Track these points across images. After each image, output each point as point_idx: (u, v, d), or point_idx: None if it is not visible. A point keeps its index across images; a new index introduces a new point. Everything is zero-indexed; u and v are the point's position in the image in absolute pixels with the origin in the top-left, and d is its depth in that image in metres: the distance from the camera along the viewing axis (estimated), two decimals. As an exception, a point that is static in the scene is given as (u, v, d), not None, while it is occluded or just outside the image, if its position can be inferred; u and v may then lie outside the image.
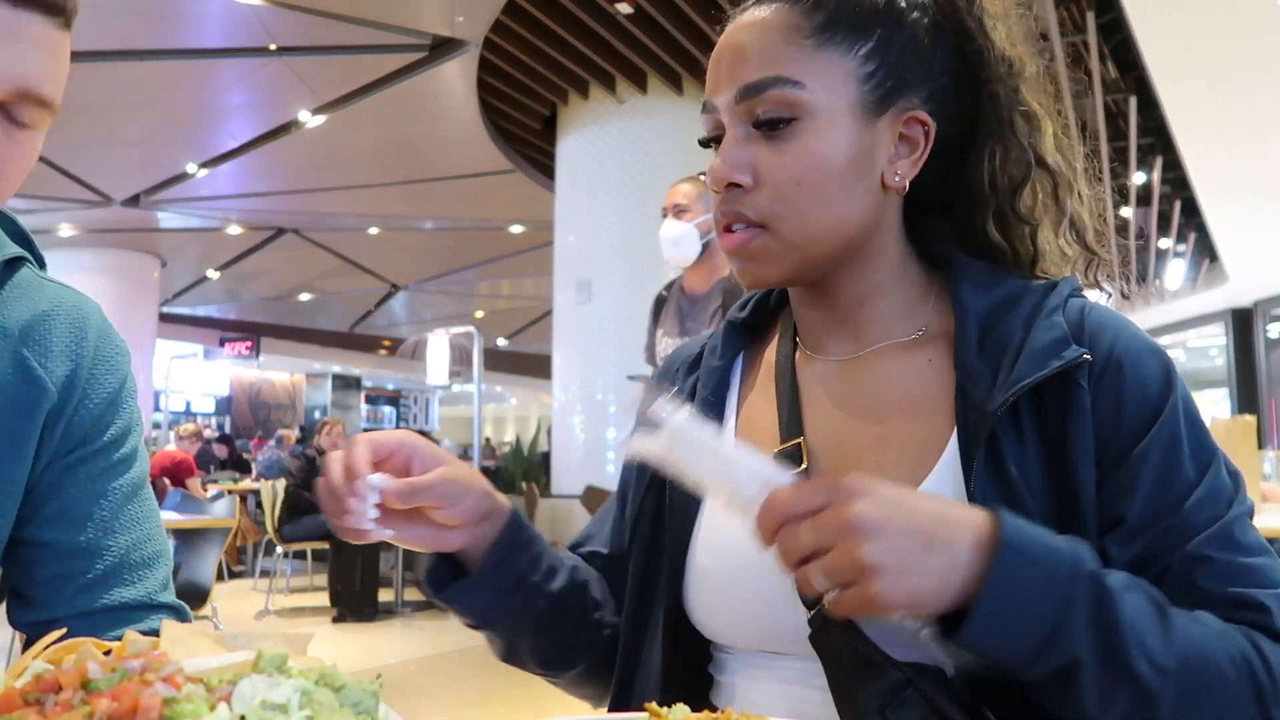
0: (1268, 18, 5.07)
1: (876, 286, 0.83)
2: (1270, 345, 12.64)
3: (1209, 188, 7.93)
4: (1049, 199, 0.83)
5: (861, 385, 0.82)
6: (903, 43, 0.78)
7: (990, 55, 0.80)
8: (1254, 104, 6.23)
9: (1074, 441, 0.71)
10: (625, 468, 0.96)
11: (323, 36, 6.64)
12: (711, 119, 0.81)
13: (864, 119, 0.77)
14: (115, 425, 0.89)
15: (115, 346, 0.91)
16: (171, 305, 16.06)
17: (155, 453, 8.44)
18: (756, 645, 0.78)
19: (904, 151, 0.79)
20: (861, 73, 0.77)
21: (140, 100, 7.72)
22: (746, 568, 0.77)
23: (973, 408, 0.73)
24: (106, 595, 0.85)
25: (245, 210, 11.14)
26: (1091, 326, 0.75)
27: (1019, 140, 0.81)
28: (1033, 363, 0.72)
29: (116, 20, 6.29)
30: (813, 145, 0.76)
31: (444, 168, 9.07)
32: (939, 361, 0.80)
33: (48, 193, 9.91)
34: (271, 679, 0.42)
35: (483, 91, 7.63)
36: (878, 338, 0.83)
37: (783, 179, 0.76)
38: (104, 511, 0.87)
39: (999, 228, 0.83)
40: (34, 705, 0.42)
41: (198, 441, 9.56)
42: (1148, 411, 0.71)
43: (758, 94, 0.76)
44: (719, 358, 0.90)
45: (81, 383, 0.87)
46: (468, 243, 12.34)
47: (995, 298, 0.79)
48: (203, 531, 4.55)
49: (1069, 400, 0.72)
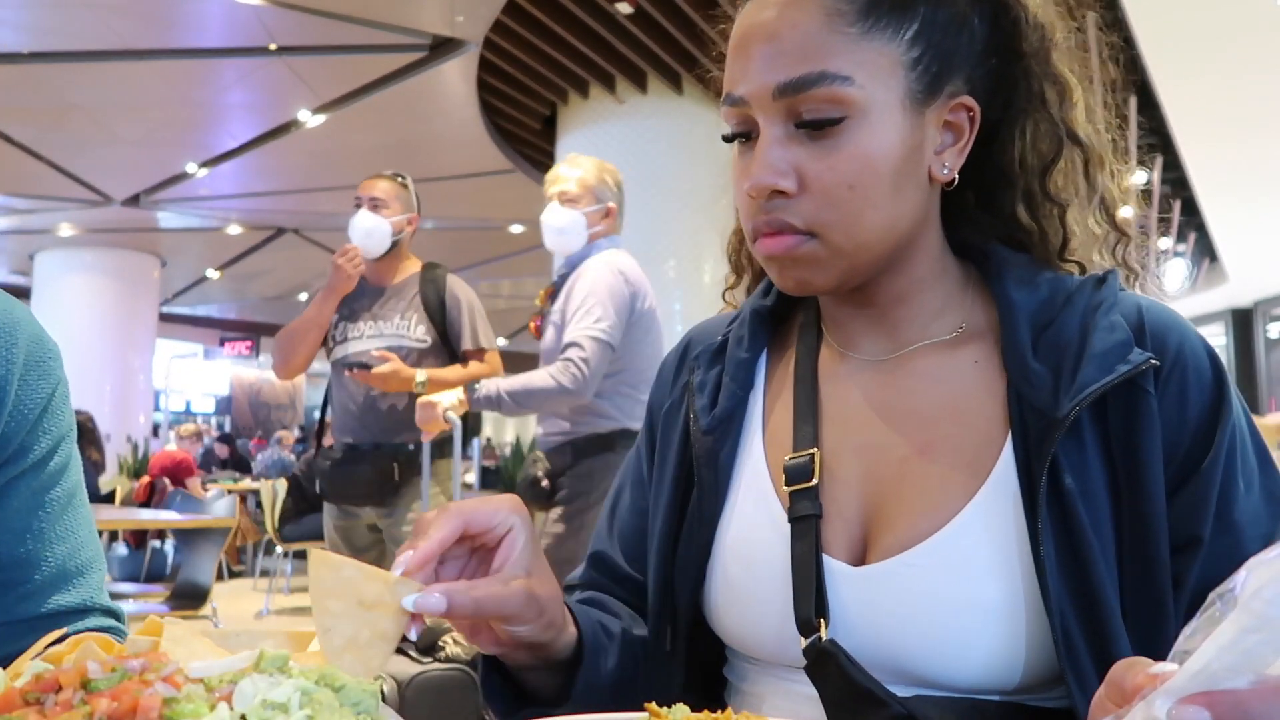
0: (1268, 18, 5.07)
1: (918, 283, 0.77)
2: (1270, 345, 12.64)
3: (1209, 188, 7.93)
4: (1079, 176, 0.78)
5: (902, 388, 0.76)
6: (946, 20, 0.71)
7: (1025, 23, 0.74)
8: (1254, 104, 6.23)
9: (1143, 451, 0.66)
10: (622, 473, 0.92)
11: (323, 36, 6.63)
12: (739, 113, 0.73)
13: (913, 110, 0.70)
14: (50, 434, 0.87)
15: (47, 350, 0.88)
16: (171, 305, 16.05)
17: (155, 452, 8.44)
18: (774, 659, 0.75)
19: (949, 140, 0.73)
20: (908, 59, 0.70)
21: (140, 100, 7.71)
22: (771, 579, 0.73)
23: (1034, 413, 0.68)
24: (46, 603, 0.85)
25: (245, 210, 11.13)
26: (1152, 327, 0.70)
27: (1049, 114, 0.75)
28: (1098, 366, 0.67)
29: (116, 20, 6.29)
30: (864, 145, 0.69)
31: (444, 168, 9.05)
32: (985, 363, 0.74)
33: (48, 193, 9.91)
34: (272, 678, 0.42)
35: (483, 91, 7.62)
36: (916, 336, 0.77)
37: (834, 184, 0.69)
38: (42, 523, 0.85)
39: (1028, 209, 0.77)
40: (34, 705, 0.42)
41: (198, 441, 9.56)
42: (1212, 418, 0.68)
43: (801, 91, 0.68)
44: (746, 349, 0.83)
45: (13, 390, 0.83)
46: (468, 243, 12.32)
47: (1042, 294, 0.74)
48: (203, 531, 4.54)
49: (1135, 407, 0.67)
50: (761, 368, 0.85)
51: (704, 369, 0.84)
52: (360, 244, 3.09)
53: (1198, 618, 0.37)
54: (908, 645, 0.68)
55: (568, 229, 2.78)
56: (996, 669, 0.66)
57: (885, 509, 0.73)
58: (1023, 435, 0.69)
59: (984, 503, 0.68)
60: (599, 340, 2.65)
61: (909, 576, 0.68)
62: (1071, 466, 0.66)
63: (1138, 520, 0.66)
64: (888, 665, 0.68)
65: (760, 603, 0.74)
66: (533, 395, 2.64)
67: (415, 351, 3.00)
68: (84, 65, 6.88)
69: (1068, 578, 0.65)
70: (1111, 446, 0.68)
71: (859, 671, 0.66)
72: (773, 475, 0.78)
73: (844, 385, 0.79)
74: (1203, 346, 0.71)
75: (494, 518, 0.64)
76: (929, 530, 0.69)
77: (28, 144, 8.49)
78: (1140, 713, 0.37)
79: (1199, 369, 0.69)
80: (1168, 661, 0.38)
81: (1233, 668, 0.34)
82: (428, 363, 3.01)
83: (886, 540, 0.71)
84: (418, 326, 3.07)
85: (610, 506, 0.92)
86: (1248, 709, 0.34)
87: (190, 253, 13.09)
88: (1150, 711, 0.36)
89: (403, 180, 3.22)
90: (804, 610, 0.70)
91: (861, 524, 0.73)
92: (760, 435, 0.81)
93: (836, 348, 0.81)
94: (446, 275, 3.17)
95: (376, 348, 2.99)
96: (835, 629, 0.69)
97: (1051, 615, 0.64)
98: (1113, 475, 0.67)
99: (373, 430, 3.06)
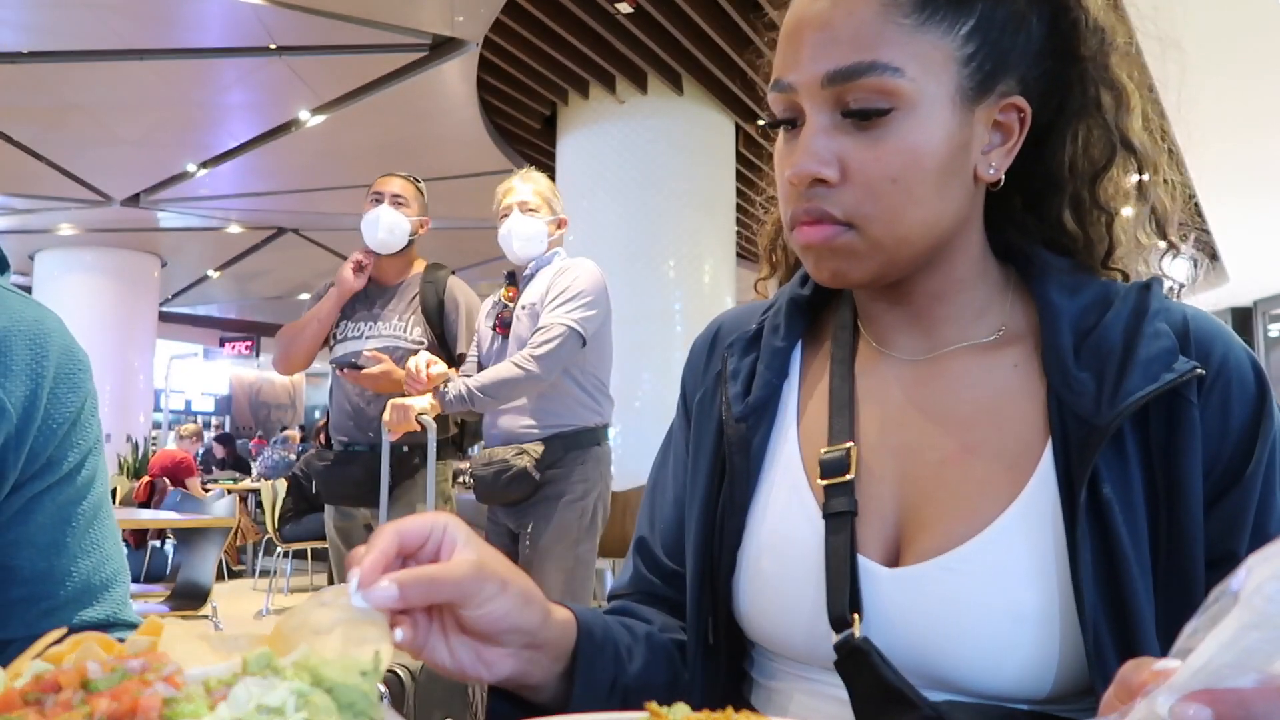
0: (1269, 18, 5.07)
1: (957, 283, 0.76)
2: (1270, 345, 12.63)
3: (1209, 188, 7.92)
4: (1130, 185, 0.77)
5: (940, 389, 0.75)
6: (1004, 18, 0.70)
7: (1085, 26, 0.73)
8: (1256, 104, 6.23)
9: (1184, 462, 0.65)
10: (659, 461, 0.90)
11: (323, 36, 6.63)
12: (786, 100, 0.71)
13: (963, 107, 0.69)
14: (79, 447, 0.85)
15: (77, 363, 0.87)
16: (171, 305, 16.03)
17: (155, 452, 8.44)
18: (802, 656, 0.73)
19: (998, 140, 0.72)
20: (962, 54, 0.68)
21: (140, 100, 7.71)
22: (804, 574, 0.72)
23: (1076, 420, 0.67)
24: (70, 618, 0.83)
25: (245, 210, 11.12)
26: (1198, 335, 0.69)
27: (1104, 119, 0.74)
28: (1144, 374, 0.66)
29: (116, 20, 6.28)
30: (910, 138, 0.67)
31: (444, 168, 9.05)
32: (1025, 367, 0.73)
33: (48, 193, 9.90)
34: (266, 681, 0.42)
35: (483, 91, 7.62)
36: (954, 337, 0.76)
37: (877, 176, 0.68)
38: (68, 538, 0.84)
39: (1075, 216, 0.76)
40: (34, 705, 0.42)
41: (198, 441, 9.56)
42: (1253, 431, 0.67)
43: (851, 80, 0.67)
44: (782, 338, 0.82)
45: (42, 403, 0.82)
46: (468, 242, 12.31)
47: (1085, 299, 0.73)
48: (203, 531, 4.54)
49: (1178, 416, 0.66)
50: (797, 358, 0.83)
51: (738, 356, 0.83)
52: (383, 239, 3.07)
53: (1199, 615, 0.38)
54: (940, 650, 0.67)
55: (534, 236, 2.94)
56: (1029, 678, 0.65)
57: (921, 510, 0.71)
58: (1063, 442, 0.67)
59: (1022, 509, 0.67)
60: (573, 330, 2.76)
61: (945, 581, 0.67)
62: (1111, 476, 0.65)
63: (1175, 532, 0.65)
64: (918, 668, 0.67)
65: (792, 597, 0.73)
66: (502, 387, 2.71)
67: (410, 353, 3.01)
68: (84, 65, 6.88)
69: (1103, 589, 0.64)
70: (1152, 456, 0.67)
71: (891, 672, 0.65)
72: (807, 468, 0.76)
73: (880, 382, 0.78)
74: (1248, 358, 0.70)
75: (425, 524, 0.60)
76: (966, 535, 0.68)
77: (28, 144, 8.48)
78: (1143, 709, 0.37)
79: (1243, 380, 0.68)
80: (1170, 658, 0.38)
81: (1234, 665, 0.35)
82: None
83: (922, 542, 0.70)
84: (414, 328, 3.07)
85: (650, 494, 0.90)
86: (1251, 708, 0.34)
87: (190, 253, 13.08)
88: (1153, 708, 0.36)
89: (417, 182, 3.23)
90: (838, 606, 0.69)
91: (896, 524, 0.72)
92: (795, 426, 0.79)
93: (873, 345, 0.80)
94: (448, 277, 3.18)
95: (370, 348, 3.00)
96: (867, 628, 0.68)
97: (1085, 627, 0.63)
98: (1151, 486, 0.66)
99: (367, 431, 3.07)
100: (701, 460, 0.82)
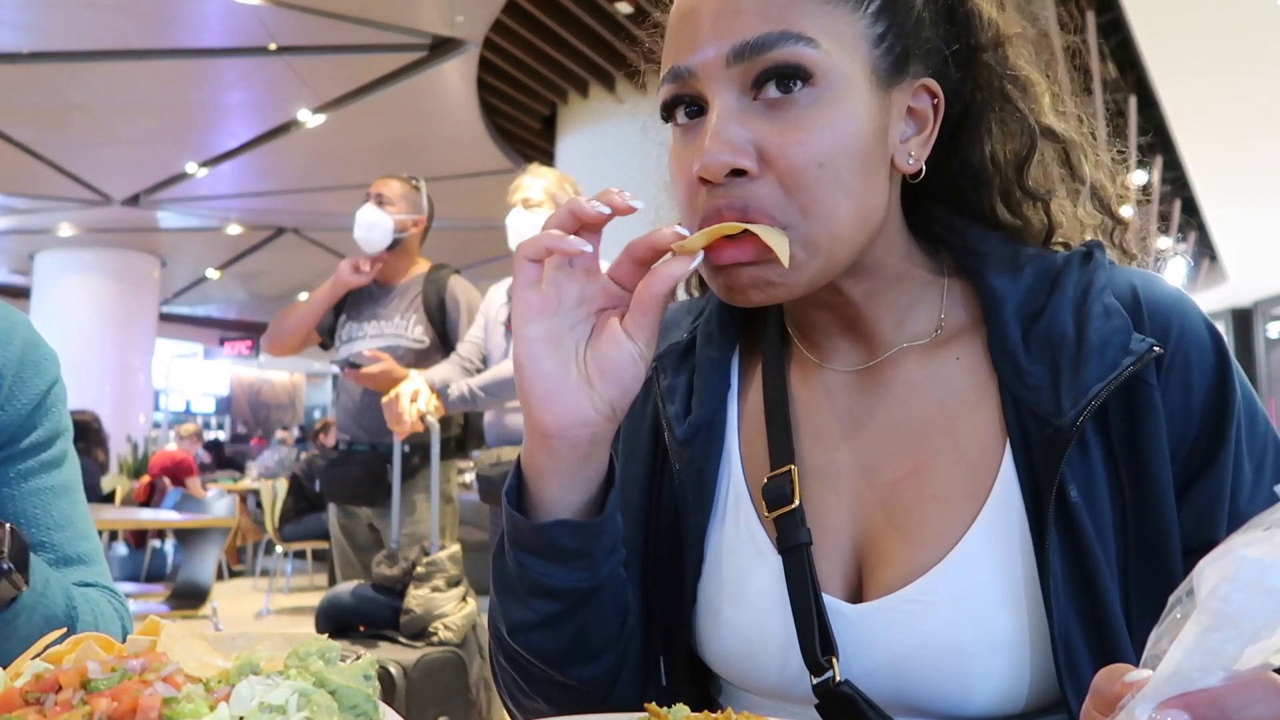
0: (1268, 17, 5.07)
1: (885, 280, 0.70)
2: (1270, 345, 12.64)
3: (1209, 187, 7.93)
4: (1061, 168, 0.73)
5: (884, 400, 0.70)
6: (907, 3, 0.67)
7: (978, 18, 0.70)
8: (1254, 103, 6.23)
9: (1150, 449, 0.62)
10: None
11: (323, 36, 6.63)
12: (683, 89, 0.64)
13: (879, 88, 0.64)
14: (42, 427, 0.91)
15: (43, 354, 0.93)
16: (171, 305, 16.05)
17: (155, 452, 8.44)
18: (774, 694, 0.70)
19: (913, 129, 0.67)
20: (872, 34, 0.64)
21: (140, 100, 7.71)
22: (767, 614, 0.68)
23: (1035, 420, 0.63)
24: None
25: (245, 210, 11.13)
26: (1150, 307, 0.65)
27: (1016, 109, 0.71)
28: (1100, 362, 0.62)
29: (117, 20, 6.29)
30: (832, 117, 0.61)
31: (444, 167, 9.05)
32: (972, 362, 0.69)
33: (48, 193, 9.91)
34: (269, 680, 0.42)
35: (483, 91, 7.62)
36: (891, 339, 0.71)
37: (801, 160, 0.60)
38: (37, 510, 0.90)
39: (1007, 206, 0.73)
40: (34, 705, 0.42)
41: (198, 442, 9.57)
42: (1219, 406, 0.63)
43: (760, 54, 0.60)
44: (716, 347, 0.76)
45: (6, 386, 0.88)
46: (468, 242, 12.31)
47: (1028, 280, 0.68)
48: (203, 531, 4.54)
49: (1139, 401, 0.62)
50: (735, 367, 0.77)
51: (671, 372, 0.76)
52: (362, 237, 3.10)
53: (1161, 623, 0.38)
54: (911, 682, 0.64)
55: (530, 233, 2.91)
56: (1003, 699, 0.63)
57: (880, 538, 0.67)
58: (1023, 445, 0.64)
59: (986, 526, 0.64)
60: None
61: (912, 614, 0.64)
62: (1076, 477, 0.62)
63: (1146, 524, 0.62)
64: (891, 699, 0.65)
65: (756, 636, 0.69)
66: (504, 386, 2.71)
67: (412, 352, 3.01)
68: (84, 65, 6.88)
69: (1075, 598, 0.62)
70: (1114, 446, 0.63)
71: (876, 713, 0.63)
72: (753, 496, 0.72)
73: (819, 396, 0.73)
74: (1203, 323, 0.65)
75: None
76: (929, 562, 0.64)
77: (28, 144, 8.49)
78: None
79: (1202, 352, 0.64)
80: (1140, 668, 0.39)
81: (1203, 666, 0.36)
82: (425, 364, 3.02)
83: (884, 574, 0.66)
84: (415, 327, 3.08)
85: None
86: (1224, 705, 0.35)
87: (190, 253, 13.09)
88: (1131, 719, 0.37)
89: (415, 183, 3.25)
90: (810, 649, 0.65)
91: (854, 554, 0.69)
92: (737, 449, 0.74)
93: (808, 356, 0.74)
94: (450, 277, 3.19)
95: (369, 348, 3.00)
96: (841, 665, 0.65)
97: (1056, 644, 0.61)
98: (1116, 479, 0.63)
99: (369, 430, 3.07)
100: (632, 480, 0.76)
